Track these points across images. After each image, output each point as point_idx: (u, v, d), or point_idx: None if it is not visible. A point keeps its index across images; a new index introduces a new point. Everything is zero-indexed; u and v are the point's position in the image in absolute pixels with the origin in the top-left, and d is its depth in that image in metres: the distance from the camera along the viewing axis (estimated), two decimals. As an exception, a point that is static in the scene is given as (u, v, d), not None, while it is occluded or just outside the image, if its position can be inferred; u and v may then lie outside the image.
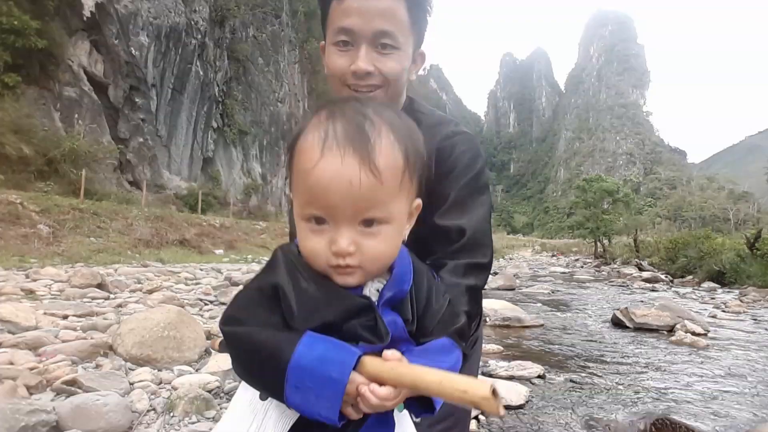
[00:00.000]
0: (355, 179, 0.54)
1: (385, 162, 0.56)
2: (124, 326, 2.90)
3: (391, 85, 0.88)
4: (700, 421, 2.60)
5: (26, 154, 14.68)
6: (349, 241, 0.56)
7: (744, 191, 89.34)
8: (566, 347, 4.52)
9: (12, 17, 15.52)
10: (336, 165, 0.55)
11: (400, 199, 0.60)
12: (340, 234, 0.56)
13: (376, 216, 0.57)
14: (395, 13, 0.84)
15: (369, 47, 0.85)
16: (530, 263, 24.25)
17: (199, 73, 28.07)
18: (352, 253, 0.57)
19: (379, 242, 0.58)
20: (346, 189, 0.54)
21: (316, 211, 0.57)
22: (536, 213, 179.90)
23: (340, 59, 0.87)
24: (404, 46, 0.87)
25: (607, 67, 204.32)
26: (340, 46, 0.86)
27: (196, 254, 12.54)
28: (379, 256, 0.59)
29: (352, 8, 0.83)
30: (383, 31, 0.84)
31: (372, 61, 0.85)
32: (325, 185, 0.55)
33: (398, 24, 0.85)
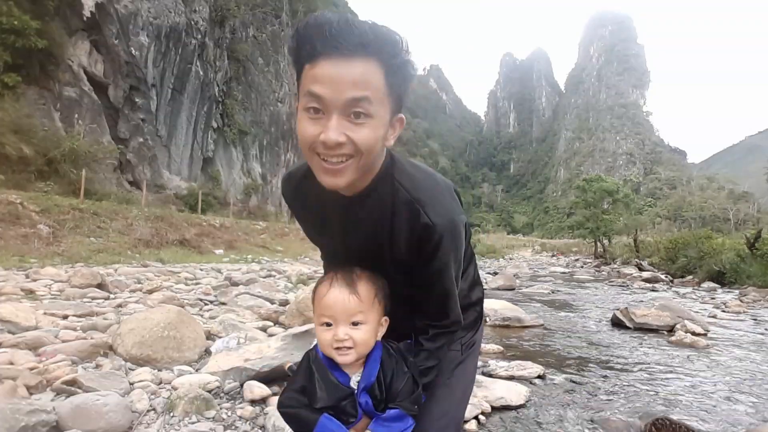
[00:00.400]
0: (347, 299, 0.97)
1: (364, 291, 0.98)
2: (124, 326, 2.90)
3: (364, 155, 0.85)
4: (700, 421, 2.60)
5: (26, 154, 14.68)
6: (344, 332, 0.96)
7: (744, 191, 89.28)
8: (566, 347, 4.52)
9: (12, 17, 15.52)
10: (336, 292, 0.98)
11: (373, 311, 0.99)
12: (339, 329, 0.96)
13: (359, 320, 0.97)
14: (370, 80, 0.80)
15: (341, 116, 0.81)
16: (530, 263, 24.25)
17: (199, 73, 28.06)
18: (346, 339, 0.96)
19: (362, 333, 0.97)
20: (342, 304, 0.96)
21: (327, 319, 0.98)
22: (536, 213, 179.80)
23: (311, 127, 0.83)
24: (379, 114, 0.84)
25: (607, 67, 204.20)
26: (310, 113, 0.83)
27: (196, 254, 12.54)
28: (363, 341, 0.97)
29: (323, 75, 0.79)
30: (356, 99, 0.80)
31: (343, 131, 0.81)
32: (331, 303, 0.97)
33: (373, 91, 0.81)
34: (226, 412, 2.21)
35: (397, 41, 0.84)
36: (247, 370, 2.53)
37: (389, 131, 0.90)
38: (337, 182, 0.86)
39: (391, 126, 0.90)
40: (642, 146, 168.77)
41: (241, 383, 2.48)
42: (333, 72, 0.79)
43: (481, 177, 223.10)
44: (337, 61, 0.79)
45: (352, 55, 0.79)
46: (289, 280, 8.21)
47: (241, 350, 2.81)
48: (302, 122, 0.84)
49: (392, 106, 0.87)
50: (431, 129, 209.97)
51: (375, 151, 0.87)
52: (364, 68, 0.80)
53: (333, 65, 0.79)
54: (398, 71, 0.85)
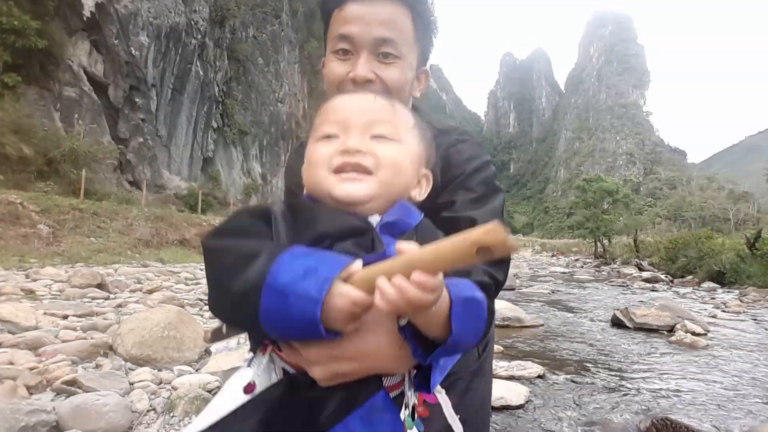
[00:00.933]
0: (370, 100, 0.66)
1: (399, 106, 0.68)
2: (124, 326, 2.90)
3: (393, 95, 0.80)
4: (700, 421, 2.60)
5: (26, 154, 14.69)
6: (359, 140, 0.60)
7: (744, 191, 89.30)
8: (566, 347, 4.52)
9: (12, 17, 15.53)
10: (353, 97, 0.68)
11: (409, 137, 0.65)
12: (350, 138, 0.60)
13: (386, 133, 0.62)
14: (398, 21, 0.81)
15: (370, 55, 0.81)
16: (530, 263, 24.25)
17: (199, 73, 28.07)
18: (361, 152, 0.59)
19: (391, 150, 0.61)
20: (361, 104, 0.65)
21: (331, 129, 0.63)
22: (536, 213, 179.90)
23: (339, 67, 0.83)
24: (407, 57, 0.83)
25: (607, 67, 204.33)
26: (339, 55, 0.83)
27: (196, 254, 12.54)
28: (390, 164, 0.60)
29: (353, 15, 0.80)
30: (385, 39, 0.80)
31: (372, 69, 0.81)
32: (343, 104, 0.65)
33: (401, 33, 0.82)
34: (226, 412, 2.21)
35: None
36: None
37: (415, 83, 0.89)
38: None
39: (417, 77, 0.90)
40: (642, 146, 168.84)
41: (241, 383, 2.47)
42: (362, 11, 0.80)
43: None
44: (367, 2, 0.80)
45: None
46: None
47: (241, 350, 2.81)
48: (330, 63, 0.84)
49: (419, 53, 0.87)
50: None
51: (404, 93, 0.85)
52: (393, 10, 0.81)
53: (362, 5, 0.80)
54: (425, 20, 0.86)
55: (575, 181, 38.14)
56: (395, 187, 0.61)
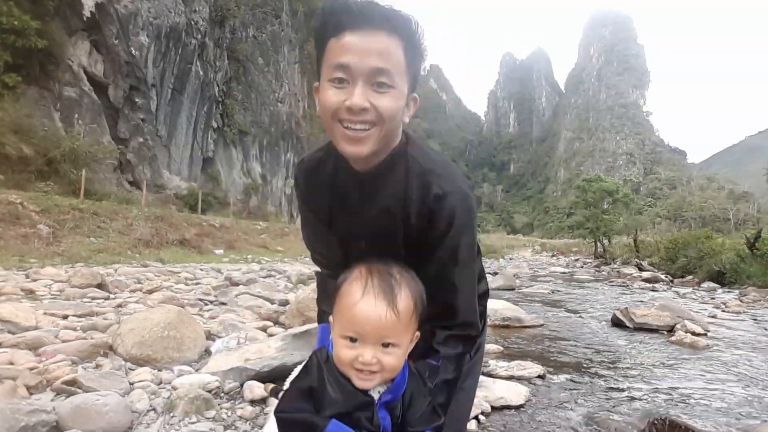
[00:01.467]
0: (383, 315, 0.81)
1: (403, 307, 0.83)
2: (124, 326, 2.90)
3: (386, 123, 0.88)
4: (700, 421, 2.60)
5: (26, 154, 14.69)
6: (372, 355, 0.81)
7: (744, 191, 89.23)
8: (566, 347, 4.52)
9: (12, 17, 15.53)
10: (371, 304, 0.82)
11: (409, 331, 0.86)
12: (366, 351, 0.81)
13: (392, 341, 0.83)
14: (392, 52, 0.85)
15: (365, 84, 0.85)
16: (530, 263, 24.25)
17: (199, 73, 28.07)
18: (374, 364, 0.81)
19: (393, 358, 0.83)
20: (377, 322, 0.81)
21: (353, 334, 0.82)
22: (536, 213, 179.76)
23: (336, 95, 0.86)
24: (399, 86, 0.88)
25: (607, 67, 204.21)
26: (335, 83, 0.86)
27: (196, 254, 12.54)
28: (392, 368, 0.83)
29: (350, 45, 0.84)
30: (380, 69, 0.84)
31: (368, 98, 0.85)
32: (363, 317, 0.81)
33: (394, 64, 0.86)
34: (226, 412, 2.21)
35: (414, 23, 0.90)
36: (247, 370, 2.53)
37: (405, 109, 0.93)
38: (360, 150, 0.89)
39: (408, 104, 0.94)
40: (642, 146, 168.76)
41: (241, 383, 2.48)
42: (359, 42, 0.83)
43: (481, 177, 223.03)
44: (363, 33, 0.84)
45: (376, 29, 0.84)
46: (289, 280, 8.20)
47: (241, 350, 2.81)
48: (326, 92, 0.88)
49: (410, 81, 0.91)
50: (431, 129, 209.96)
51: (395, 121, 0.90)
52: (388, 41, 0.85)
53: (359, 36, 0.84)
54: (416, 50, 0.90)
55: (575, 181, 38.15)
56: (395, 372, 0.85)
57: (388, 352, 0.82)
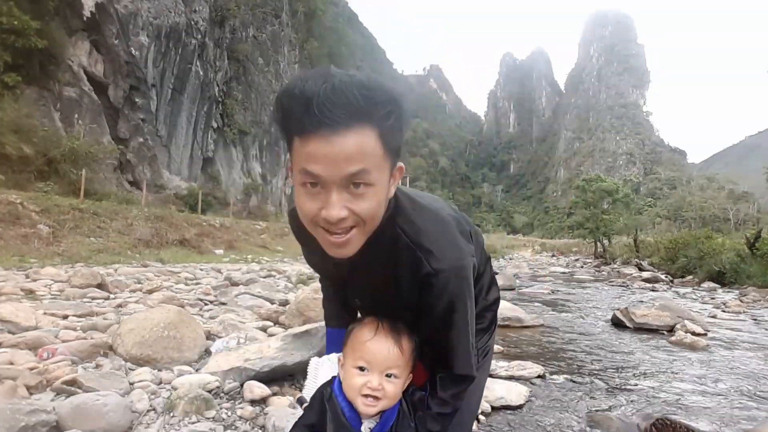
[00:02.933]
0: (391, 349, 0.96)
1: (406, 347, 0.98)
2: (124, 326, 2.90)
3: (368, 223, 0.83)
4: (700, 421, 2.60)
5: (26, 154, 14.70)
6: (379, 382, 0.95)
7: (744, 191, 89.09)
8: (566, 347, 4.52)
9: (12, 17, 15.54)
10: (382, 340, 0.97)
11: (408, 367, 0.99)
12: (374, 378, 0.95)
13: (395, 373, 0.97)
14: (366, 149, 0.75)
15: (340, 189, 0.77)
16: (530, 263, 24.25)
17: (199, 73, 28.08)
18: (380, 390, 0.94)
19: (394, 387, 0.97)
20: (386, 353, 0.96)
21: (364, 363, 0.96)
22: (536, 213, 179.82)
23: (310, 202, 0.80)
24: (379, 180, 0.80)
25: (607, 67, 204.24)
26: (308, 188, 0.79)
27: (196, 254, 12.54)
28: (393, 395, 0.97)
29: (317, 154, 0.74)
30: (354, 173, 0.76)
31: (345, 204, 0.78)
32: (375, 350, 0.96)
33: (371, 159, 0.76)
34: (226, 412, 2.21)
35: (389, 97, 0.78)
36: (247, 370, 2.53)
37: (390, 182, 0.86)
38: (345, 252, 0.85)
39: (391, 177, 0.86)
40: (642, 146, 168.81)
41: (241, 383, 2.48)
42: (326, 150, 0.73)
43: (481, 177, 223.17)
44: (330, 138, 0.73)
45: (344, 129, 0.73)
46: (289, 280, 8.20)
47: (241, 350, 2.81)
48: (300, 197, 0.82)
49: (391, 162, 0.83)
50: (431, 129, 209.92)
51: (379, 215, 0.85)
52: (358, 139, 0.74)
53: (325, 143, 0.73)
54: (394, 129, 0.80)
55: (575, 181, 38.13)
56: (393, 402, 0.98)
57: (391, 382, 0.96)
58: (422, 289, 0.92)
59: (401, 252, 0.92)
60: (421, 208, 0.97)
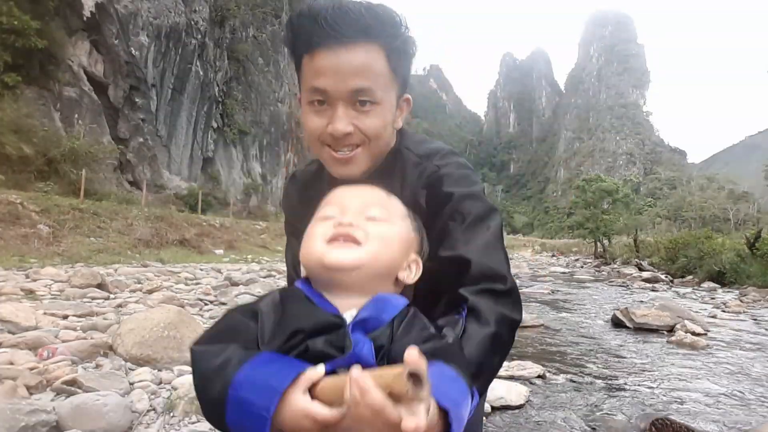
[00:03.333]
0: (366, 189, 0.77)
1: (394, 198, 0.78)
2: (124, 326, 2.90)
3: (372, 141, 0.82)
4: (700, 421, 2.60)
5: (26, 154, 14.69)
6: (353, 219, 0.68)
7: (744, 191, 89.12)
8: (566, 347, 4.52)
9: (12, 17, 15.54)
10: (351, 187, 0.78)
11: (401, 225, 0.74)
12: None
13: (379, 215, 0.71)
14: (372, 66, 0.77)
15: (346, 106, 0.78)
16: (530, 263, 24.25)
17: (199, 73, 28.08)
18: (354, 226, 0.67)
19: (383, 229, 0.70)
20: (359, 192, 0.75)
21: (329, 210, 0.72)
22: (536, 213, 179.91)
23: (317, 119, 0.80)
24: (385, 100, 0.81)
25: (607, 67, 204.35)
26: (315, 106, 0.80)
27: (196, 254, 12.54)
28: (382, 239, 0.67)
29: (324, 67, 0.76)
30: (361, 89, 0.76)
31: (351, 120, 0.78)
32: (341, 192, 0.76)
33: (377, 78, 0.78)
34: (226, 412, 2.21)
35: (396, 20, 0.80)
36: (247, 370, 2.53)
37: (397, 113, 0.87)
38: (350, 171, 0.83)
39: (398, 107, 0.87)
40: (642, 146, 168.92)
41: (241, 383, 2.48)
42: (334, 63, 0.75)
43: (481, 177, 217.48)
44: (337, 51, 0.75)
45: (351, 43, 0.75)
46: (289, 280, 8.20)
47: (241, 350, 2.81)
48: (307, 115, 0.82)
49: (398, 88, 0.84)
50: (431, 129, 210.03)
51: (385, 137, 0.84)
52: (366, 55, 0.76)
53: (333, 56, 0.75)
54: (401, 52, 0.81)
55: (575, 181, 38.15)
56: (382, 261, 0.66)
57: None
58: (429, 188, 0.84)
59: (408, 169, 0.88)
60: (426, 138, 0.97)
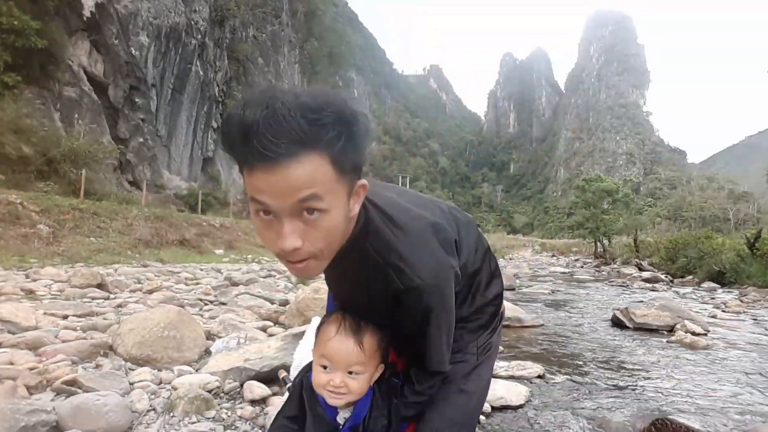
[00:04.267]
0: (350, 349, 0.99)
1: (368, 345, 1.00)
2: (124, 326, 2.90)
3: (325, 251, 0.80)
4: (700, 421, 2.60)
5: (26, 154, 14.69)
6: (341, 380, 0.99)
7: (744, 191, 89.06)
8: (566, 347, 4.52)
9: (12, 17, 15.53)
10: (342, 339, 1.00)
11: (372, 363, 1.02)
12: (336, 376, 0.99)
13: (357, 370, 1.00)
14: (315, 176, 0.71)
15: (292, 218, 0.74)
16: (530, 263, 24.24)
17: (199, 73, 28.07)
18: (341, 387, 0.99)
19: (358, 383, 1.00)
20: (345, 354, 0.99)
21: (326, 362, 1.00)
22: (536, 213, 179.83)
23: (266, 231, 0.77)
24: (335, 203, 0.76)
25: (607, 67, 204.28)
26: (261, 216, 0.76)
27: (196, 254, 12.54)
28: (357, 390, 1.01)
29: (262, 185, 0.71)
30: (305, 198, 0.72)
31: (299, 234, 0.75)
32: (334, 350, 0.99)
33: (323, 185, 0.72)
34: (226, 412, 2.21)
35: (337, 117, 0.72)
36: (247, 370, 2.53)
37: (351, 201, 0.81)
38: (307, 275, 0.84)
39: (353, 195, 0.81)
40: (642, 146, 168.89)
41: (241, 383, 2.48)
42: (271, 182, 0.70)
43: (481, 177, 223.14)
44: (273, 169, 0.69)
45: (287, 159, 0.68)
46: (289, 280, 8.20)
47: (241, 350, 2.81)
48: (256, 223, 0.79)
49: (349, 182, 0.78)
50: (431, 129, 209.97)
51: (336, 241, 0.82)
52: (305, 168, 0.70)
53: (270, 175, 0.69)
54: (347, 150, 0.74)
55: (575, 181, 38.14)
56: (360, 396, 1.02)
57: (354, 379, 1.00)
58: (396, 300, 0.92)
59: (372, 269, 0.90)
60: (393, 221, 0.91)
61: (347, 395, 1.00)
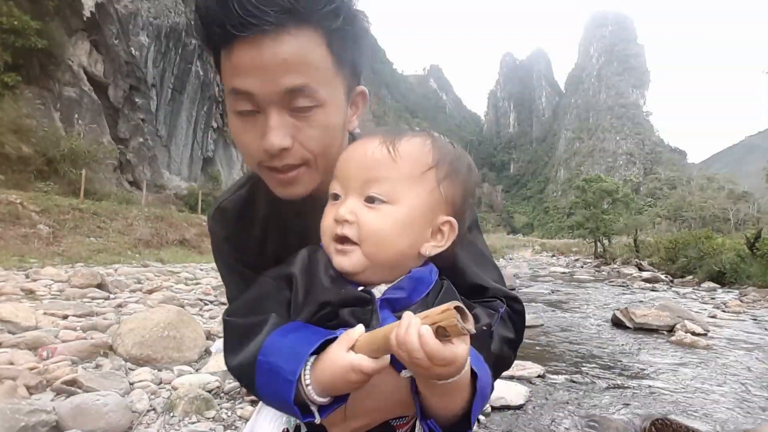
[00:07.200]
0: (370, 150, 0.60)
1: (406, 150, 0.60)
2: (124, 326, 2.90)
3: (319, 157, 0.65)
4: (700, 421, 2.60)
5: (26, 154, 14.69)
6: (348, 208, 0.59)
7: (744, 191, 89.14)
8: (566, 347, 4.52)
9: (12, 17, 15.54)
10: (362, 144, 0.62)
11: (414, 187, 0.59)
12: (344, 204, 0.60)
13: (379, 192, 0.58)
14: (309, 57, 0.59)
15: (281, 112, 0.61)
16: (530, 263, 24.25)
17: (199, 73, 28.07)
18: (346, 221, 0.58)
19: (378, 217, 0.58)
20: (361, 157, 0.60)
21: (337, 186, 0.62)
22: (536, 213, 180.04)
23: (246, 134, 0.63)
24: (330, 98, 0.63)
25: (607, 67, 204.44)
26: (243, 116, 0.63)
27: (196, 254, 12.54)
28: (375, 232, 0.57)
29: (244, 64, 0.58)
30: (296, 88, 0.59)
31: (288, 131, 0.61)
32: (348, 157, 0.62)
33: (316, 72, 0.60)
34: (226, 412, 2.21)
35: None
36: (247, 370, 2.53)
37: (349, 112, 0.69)
38: (294, 192, 0.67)
39: (351, 105, 0.69)
40: (642, 146, 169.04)
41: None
42: (255, 57, 0.57)
43: (481, 177, 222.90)
44: (259, 42, 0.57)
45: (275, 29, 0.57)
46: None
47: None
48: (235, 128, 0.65)
49: (347, 80, 0.66)
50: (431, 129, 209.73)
51: (334, 147, 0.66)
52: (297, 43, 0.58)
53: (254, 49, 0.57)
54: (345, 33, 0.62)
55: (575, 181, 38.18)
56: (384, 256, 0.58)
57: (373, 207, 0.58)
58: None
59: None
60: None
61: (359, 248, 0.58)
